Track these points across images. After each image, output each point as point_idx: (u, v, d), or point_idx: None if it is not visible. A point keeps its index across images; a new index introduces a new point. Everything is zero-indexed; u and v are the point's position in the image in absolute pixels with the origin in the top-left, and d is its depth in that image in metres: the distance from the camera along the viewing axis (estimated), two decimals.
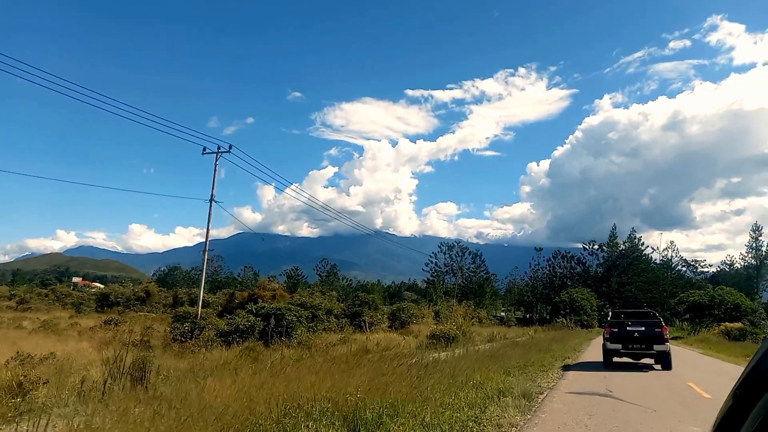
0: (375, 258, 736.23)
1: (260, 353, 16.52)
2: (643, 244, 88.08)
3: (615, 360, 16.28)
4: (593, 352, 23.41)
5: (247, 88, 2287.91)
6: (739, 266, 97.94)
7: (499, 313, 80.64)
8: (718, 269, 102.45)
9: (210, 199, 22.85)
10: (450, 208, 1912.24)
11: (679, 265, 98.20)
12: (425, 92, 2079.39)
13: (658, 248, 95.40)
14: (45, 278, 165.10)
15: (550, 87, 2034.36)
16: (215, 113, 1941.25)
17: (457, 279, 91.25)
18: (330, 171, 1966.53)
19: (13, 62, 17.83)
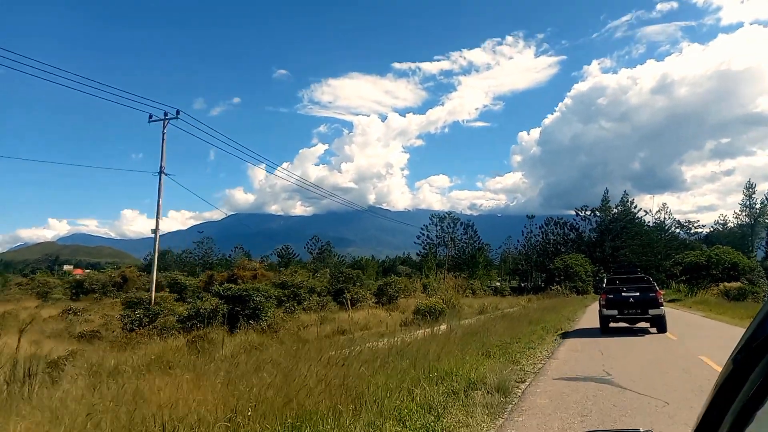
0: (370, 234, 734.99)
1: (213, 342, 14.50)
2: (636, 207, 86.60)
3: (612, 325, 16.41)
4: (588, 321, 21.62)
5: (233, 68, 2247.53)
6: (733, 225, 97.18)
7: (493, 284, 79.25)
8: (712, 229, 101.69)
9: (159, 172, 20.45)
10: (442, 180, 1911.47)
11: (673, 227, 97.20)
12: (412, 65, 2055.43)
13: (650, 211, 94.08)
14: (36, 268, 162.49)
15: (538, 55, 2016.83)
16: (200, 95, 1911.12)
17: (449, 250, 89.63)
18: (320, 148, 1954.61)
19: None
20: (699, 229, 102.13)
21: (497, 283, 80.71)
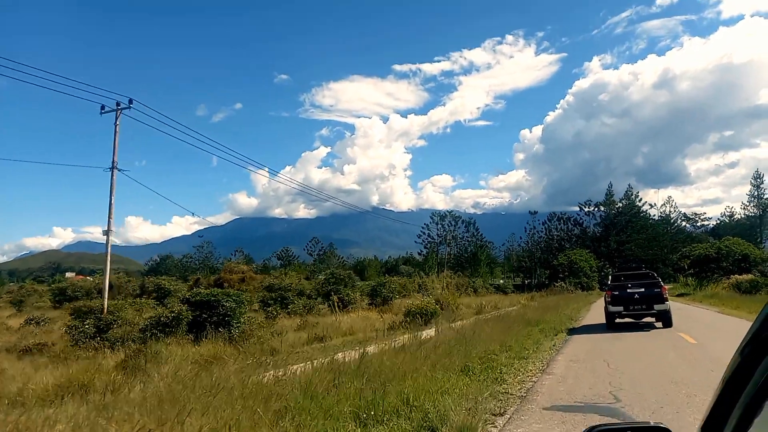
0: (374, 234, 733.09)
1: (154, 358, 12.46)
2: (641, 200, 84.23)
3: (617, 321, 16.63)
4: (592, 321, 19.54)
5: (234, 74, 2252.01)
6: (740, 216, 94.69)
7: (496, 281, 77.15)
8: (719, 221, 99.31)
9: (111, 167, 18.50)
10: (445, 180, 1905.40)
11: (679, 220, 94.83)
12: (413, 66, 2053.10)
13: (655, 204, 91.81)
14: (38, 276, 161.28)
15: (538, 53, 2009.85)
16: (202, 100, 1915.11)
17: (450, 248, 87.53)
18: (323, 151, 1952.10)
19: None
20: (705, 222, 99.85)
21: (500, 281, 78.60)
